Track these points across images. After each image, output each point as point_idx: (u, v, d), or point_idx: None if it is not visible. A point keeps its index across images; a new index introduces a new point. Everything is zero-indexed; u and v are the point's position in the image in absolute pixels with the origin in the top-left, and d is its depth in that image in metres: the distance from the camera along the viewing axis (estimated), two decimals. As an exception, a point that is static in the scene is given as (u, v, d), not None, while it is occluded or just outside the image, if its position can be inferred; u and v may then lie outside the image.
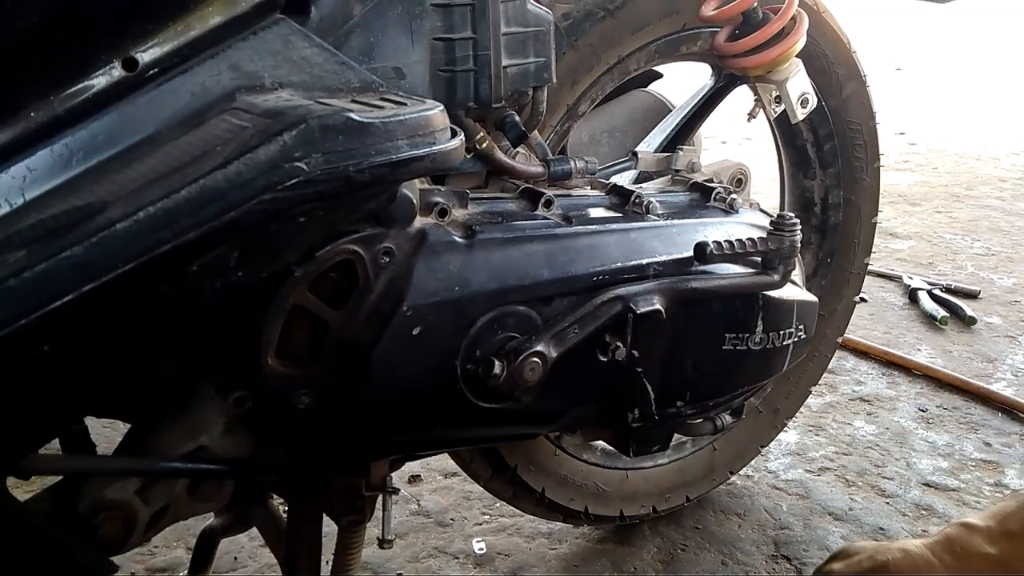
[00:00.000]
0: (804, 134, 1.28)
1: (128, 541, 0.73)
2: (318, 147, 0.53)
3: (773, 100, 1.09)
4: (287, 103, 0.57)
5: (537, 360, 0.74)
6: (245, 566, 1.29)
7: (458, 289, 0.72)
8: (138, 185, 0.53)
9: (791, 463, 1.58)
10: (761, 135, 1.37)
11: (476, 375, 0.74)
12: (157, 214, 0.50)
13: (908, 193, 3.23)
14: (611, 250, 0.81)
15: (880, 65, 5.38)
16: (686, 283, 0.81)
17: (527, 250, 0.77)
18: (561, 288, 0.78)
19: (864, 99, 1.27)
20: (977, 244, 2.68)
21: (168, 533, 1.33)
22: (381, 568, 1.28)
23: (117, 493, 0.72)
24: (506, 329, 0.75)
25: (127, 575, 1.26)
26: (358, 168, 0.55)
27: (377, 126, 0.56)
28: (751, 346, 0.87)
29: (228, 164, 0.51)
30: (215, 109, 0.59)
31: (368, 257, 0.68)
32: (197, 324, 0.64)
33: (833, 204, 1.32)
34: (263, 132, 0.53)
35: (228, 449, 0.74)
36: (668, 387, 0.85)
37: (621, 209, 0.87)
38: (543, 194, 0.83)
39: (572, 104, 1.04)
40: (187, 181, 0.51)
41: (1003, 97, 5.06)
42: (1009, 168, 3.58)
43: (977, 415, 1.73)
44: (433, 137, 0.60)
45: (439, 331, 0.72)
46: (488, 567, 1.29)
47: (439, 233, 0.73)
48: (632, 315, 0.78)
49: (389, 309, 0.69)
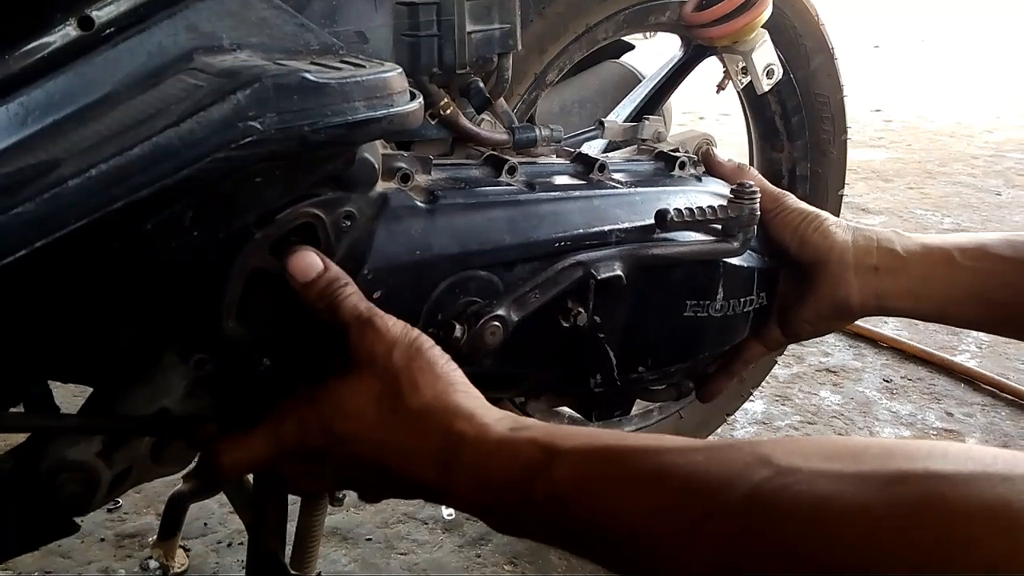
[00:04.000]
0: (772, 106, 1.29)
1: (90, 502, 0.74)
2: (272, 106, 0.53)
3: (740, 71, 1.10)
4: (243, 63, 0.57)
5: (498, 324, 0.75)
6: (215, 531, 1.30)
7: (419, 253, 0.73)
8: (92, 143, 0.53)
9: (757, 431, 1.60)
10: (738, 111, 1.37)
11: (437, 338, 0.74)
12: (110, 171, 0.50)
13: (881, 169, 3.26)
14: (574, 217, 0.82)
15: (858, 43, 5.40)
16: (647, 249, 0.82)
17: (489, 216, 0.77)
18: (523, 253, 0.78)
19: (832, 72, 1.28)
20: (948, 220, 2.72)
21: (138, 499, 1.34)
22: (350, 533, 1.30)
23: (79, 454, 0.72)
24: (467, 293, 0.76)
25: (96, 540, 1.27)
26: (313, 128, 0.55)
27: (333, 86, 0.56)
28: (712, 313, 0.89)
29: (181, 122, 0.51)
30: (172, 69, 0.59)
31: (329, 220, 0.68)
32: (157, 286, 0.64)
33: (800, 176, 1.34)
34: (217, 91, 0.53)
35: (190, 411, 0.74)
36: (630, 353, 0.86)
37: (585, 177, 0.88)
38: (507, 161, 0.83)
39: (539, 73, 1.04)
40: (140, 139, 0.51)
41: (979, 75, 5.09)
42: (982, 146, 3.61)
43: (940, 386, 1.77)
44: (391, 99, 0.60)
45: (400, 295, 0.72)
46: (457, 532, 1.31)
47: (401, 198, 0.73)
48: (593, 281, 0.79)
49: (350, 272, 0.69)
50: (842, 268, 0.87)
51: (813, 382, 1.79)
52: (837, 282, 0.87)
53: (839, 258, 0.87)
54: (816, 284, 0.89)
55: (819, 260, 0.88)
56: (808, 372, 1.82)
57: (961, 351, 1.90)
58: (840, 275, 0.87)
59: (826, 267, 0.88)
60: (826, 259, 0.88)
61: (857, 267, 0.87)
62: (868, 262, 0.87)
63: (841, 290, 0.87)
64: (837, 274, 0.87)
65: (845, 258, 0.87)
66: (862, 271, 0.87)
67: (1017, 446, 1.57)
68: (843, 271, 0.87)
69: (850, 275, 0.87)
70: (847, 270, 0.87)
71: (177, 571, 1.20)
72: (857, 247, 0.87)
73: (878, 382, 1.79)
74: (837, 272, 0.87)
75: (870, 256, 0.87)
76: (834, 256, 0.87)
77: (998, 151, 3.52)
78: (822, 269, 0.88)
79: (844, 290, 0.87)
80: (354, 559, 1.25)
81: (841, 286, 0.87)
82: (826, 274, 0.88)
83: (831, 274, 0.88)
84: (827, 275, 0.88)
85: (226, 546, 1.27)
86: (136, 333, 0.70)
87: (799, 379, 1.79)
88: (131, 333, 0.70)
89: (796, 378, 1.80)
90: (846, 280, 0.87)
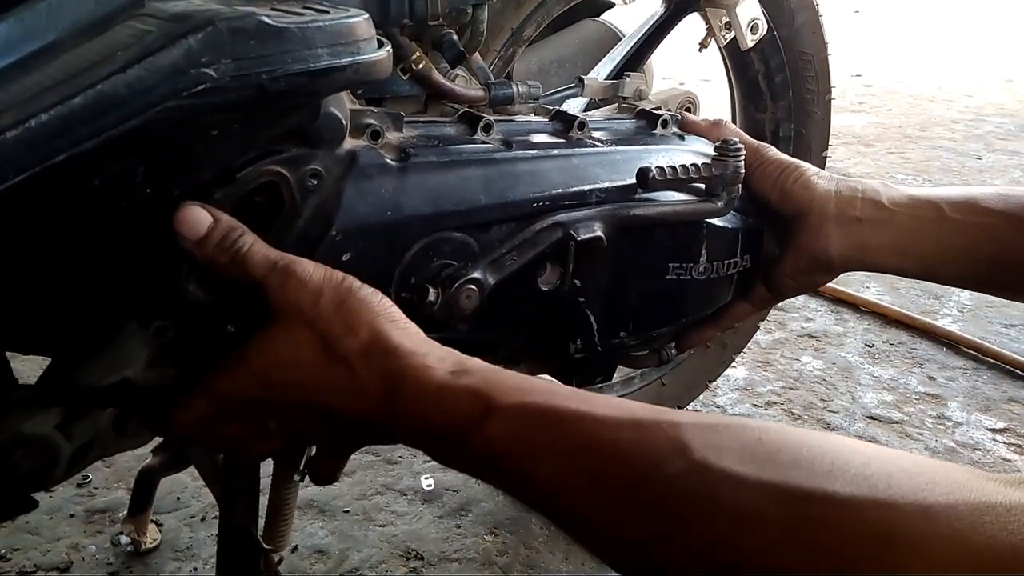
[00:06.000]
0: (755, 65, 1.26)
1: (50, 477, 0.70)
2: (227, 52, 0.49)
3: (723, 26, 1.06)
4: (197, 7, 0.53)
5: (473, 287, 0.72)
6: (188, 506, 1.27)
7: (390, 214, 0.69)
8: (33, 93, 0.49)
9: (739, 398, 1.59)
10: (719, 76, 1.34)
11: (410, 303, 0.71)
12: (50, 122, 0.46)
13: (862, 134, 3.24)
14: (552, 176, 0.78)
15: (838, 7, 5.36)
16: (628, 210, 0.79)
17: (464, 175, 0.74)
18: (499, 214, 0.75)
19: (816, 29, 1.25)
20: (928, 184, 2.71)
21: (108, 474, 1.31)
22: (327, 505, 1.28)
23: (36, 427, 0.68)
24: (441, 256, 0.73)
25: (66, 516, 1.24)
26: (272, 76, 0.51)
27: (294, 31, 0.52)
28: (695, 275, 0.86)
29: (128, 68, 0.48)
30: (122, 15, 0.55)
31: (294, 179, 0.64)
32: (110, 248, 0.60)
33: (784, 137, 1.31)
34: (167, 35, 0.49)
35: (152, 381, 0.71)
36: (610, 317, 0.84)
37: (564, 135, 0.84)
38: (483, 118, 0.80)
39: (516, 28, 1.00)
40: (83, 87, 0.47)
41: (960, 40, 5.08)
42: (962, 110, 3.61)
43: (922, 350, 1.76)
44: (356, 47, 0.57)
45: (370, 257, 0.69)
46: (436, 503, 1.29)
47: (370, 155, 0.69)
48: (573, 242, 0.76)
49: (317, 234, 0.66)
50: (822, 219, 0.84)
51: (795, 347, 1.77)
52: (816, 234, 0.84)
53: (820, 209, 0.84)
54: (796, 237, 0.86)
55: (799, 212, 0.85)
56: (790, 338, 1.81)
57: (943, 315, 1.89)
58: (819, 226, 0.84)
59: (806, 218, 0.85)
60: (807, 210, 0.84)
61: (839, 218, 0.84)
62: (851, 213, 0.84)
63: (820, 242, 0.84)
64: (816, 225, 0.84)
65: (826, 209, 0.84)
66: (844, 222, 0.84)
67: (999, 410, 1.57)
68: (823, 222, 0.84)
69: (830, 226, 0.84)
70: (827, 221, 0.84)
71: (149, 546, 1.17)
72: (840, 198, 0.84)
73: (860, 347, 1.78)
74: (816, 223, 0.84)
75: (853, 207, 0.84)
76: (815, 207, 0.84)
77: (978, 115, 3.51)
78: (802, 221, 0.85)
79: (823, 242, 0.84)
80: (331, 531, 1.23)
81: (820, 238, 0.84)
82: (806, 226, 0.85)
83: (810, 226, 0.84)
84: (807, 227, 0.85)
85: (199, 520, 1.24)
86: (92, 299, 0.67)
87: (781, 345, 1.78)
88: (87, 299, 0.67)
89: (778, 344, 1.78)
90: (825, 232, 0.84)
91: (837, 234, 0.84)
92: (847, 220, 0.84)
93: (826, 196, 0.84)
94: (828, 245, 0.85)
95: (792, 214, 0.86)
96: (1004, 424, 1.52)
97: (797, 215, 0.85)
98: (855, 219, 0.84)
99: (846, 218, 0.84)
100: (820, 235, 0.84)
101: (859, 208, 0.84)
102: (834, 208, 0.84)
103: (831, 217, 0.84)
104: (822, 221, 0.84)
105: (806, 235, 0.85)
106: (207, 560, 1.17)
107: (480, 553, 1.20)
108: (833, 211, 0.84)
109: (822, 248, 0.85)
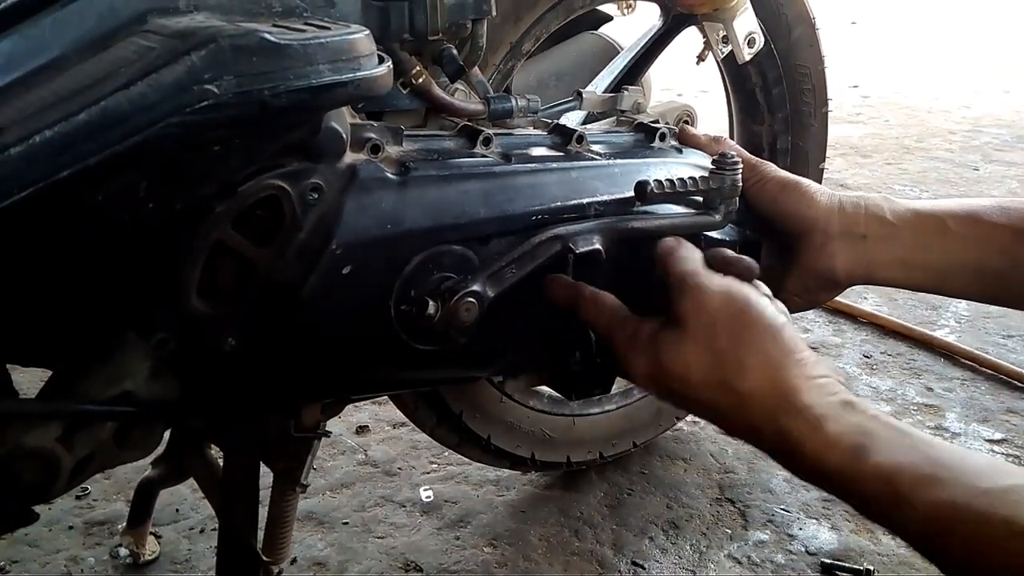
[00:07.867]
0: (753, 78, 1.26)
1: (51, 490, 0.71)
2: (230, 69, 0.50)
3: (720, 40, 1.07)
4: (199, 24, 0.54)
5: (473, 300, 0.72)
6: (187, 517, 1.27)
7: (390, 227, 0.70)
8: (36, 109, 0.50)
9: (738, 409, 1.59)
10: (717, 88, 1.35)
11: (410, 315, 0.72)
12: (54, 139, 0.47)
13: (859, 145, 3.25)
14: (551, 189, 0.79)
15: (835, 18, 5.39)
16: (626, 223, 0.80)
17: (463, 188, 0.75)
18: (499, 227, 0.76)
19: (813, 42, 1.26)
20: (926, 195, 2.71)
21: (107, 485, 1.31)
22: (326, 517, 1.27)
23: (37, 440, 0.69)
24: (441, 269, 0.73)
25: (64, 528, 1.23)
26: (274, 92, 0.52)
27: (296, 48, 0.53)
28: (693, 287, 0.86)
29: (131, 85, 0.48)
30: (124, 32, 0.56)
31: (295, 193, 0.65)
32: (113, 261, 0.61)
33: (781, 150, 1.31)
34: (170, 52, 0.50)
35: (154, 394, 0.71)
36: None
37: (563, 148, 0.85)
38: (482, 132, 0.80)
39: (515, 42, 1.01)
40: (87, 104, 0.48)
41: (957, 51, 5.10)
42: (959, 121, 3.62)
43: (920, 361, 1.76)
44: (357, 62, 0.57)
45: (371, 270, 0.69)
46: (435, 514, 1.29)
47: (371, 169, 0.70)
48: (571, 255, 0.77)
49: (318, 247, 0.67)
50: (826, 238, 0.84)
51: (793, 358, 1.77)
52: (820, 252, 0.85)
53: (823, 228, 0.84)
54: (800, 255, 0.86)
55: (802, 230, 0.85)
56: (788, 348, 1.81)
57: (940, 326, 1.90)
58: (824, 245, 0.84)
59: (809, 237, 0.85)
60: (810, 228, 0.85)
61: (844, 235, 0.84)
62: (856, 230, 0.84)
63: (825, 260, 0.85)
64: (821, 244, 0.85)
65: (829, 227, 0.84)
66: (849, 239, 0.84)
67: (996, 420, 1.57)
68: (827, 241, 0.84)
69: (835, 245, 0.84)
70: (831, 240, 0.84)
71: (148, 558, 1.17)
72: (844, 215, 0.85)
73: (858, 358, 1.78)
74: (821, 242, 0.85)
75: (857, 224, 0.84)
76: (818, 226, 0.84)
77: (975, 126, 3.52)
78: (805, 239, 0.85)
79: (828, 260, 0.85)
80: (330, 543, 1.23)
81: (825, 256, 0.85)
82: (810, 244, 0.85)
83: (815, 244, 0.85)
84: (811, 245, 0.85)
85: (198, 532, 1.24)
86: (94, 312, 0.67)
87: (779, 355, 1.78)
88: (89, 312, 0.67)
89: (776, 354, 1.78)
90: (830, 250, 0.84)
91: (842, 251, 0.84)
92: (852, 237, 0.84)
93: (829, 213, 0.85)
94: (834, 263, 0.85)
95: (795, 232, 0.86)
96: (1002, 435, 1.52)
97: (800, 233, 0.86)
98: (860, 236, 0.84)
99: (851, 235, 0.84)
100: (825, 253, 0.85)
101: (863, 224, 0.84)
102: (838, 225, 0.84)
103: (835, 235, 0.84)
104: (826, 239, 0.84)
105: (811, 254, 0.86)
106: (206, 572, 1.16)
107: (479, 565, 1.20)
108: (837, 228, 0.84)
109: (827, 266, 0.85)
